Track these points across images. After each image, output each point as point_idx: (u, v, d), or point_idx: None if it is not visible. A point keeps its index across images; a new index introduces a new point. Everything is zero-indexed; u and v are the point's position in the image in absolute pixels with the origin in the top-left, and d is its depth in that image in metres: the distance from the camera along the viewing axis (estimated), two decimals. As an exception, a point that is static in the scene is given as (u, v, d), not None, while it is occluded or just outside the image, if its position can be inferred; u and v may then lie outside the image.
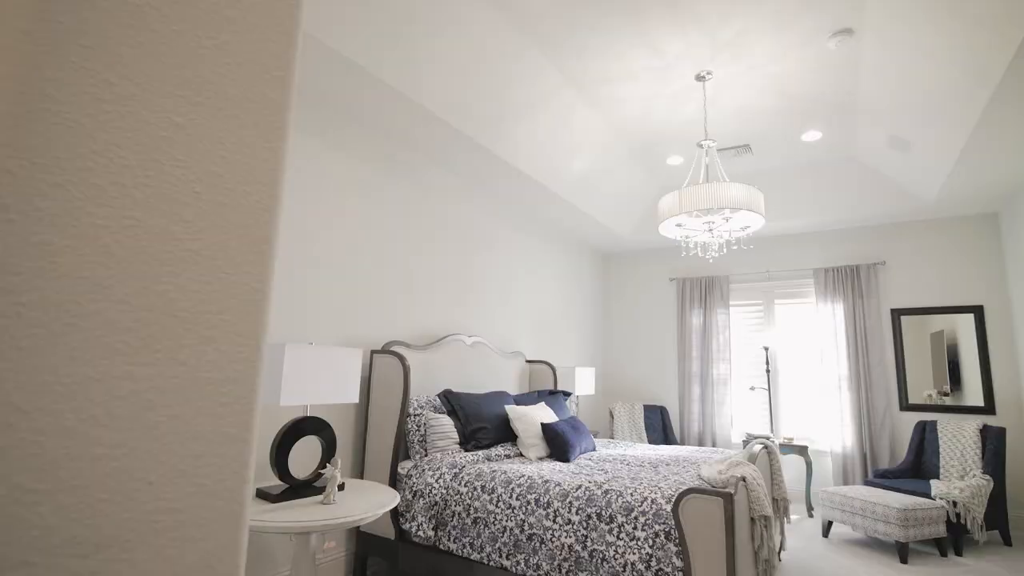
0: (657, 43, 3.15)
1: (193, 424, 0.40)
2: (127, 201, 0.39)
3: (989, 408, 4.61)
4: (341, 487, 2.41)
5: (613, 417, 5.62)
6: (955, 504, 3.76)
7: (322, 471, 2.37)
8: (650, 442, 5.51)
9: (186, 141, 0.41)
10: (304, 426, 2.34)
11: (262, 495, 2.23)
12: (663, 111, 3.95)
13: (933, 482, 3.99)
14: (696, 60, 3.31)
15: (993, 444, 4.04)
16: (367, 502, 2.24)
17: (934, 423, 4.48)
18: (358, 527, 3.05)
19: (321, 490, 2.32)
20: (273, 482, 2.58)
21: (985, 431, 4.18)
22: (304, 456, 2.83)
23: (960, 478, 4.13)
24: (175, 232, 0.40)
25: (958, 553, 3.73)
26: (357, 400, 2.45)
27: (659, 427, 5.60)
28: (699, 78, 3.48)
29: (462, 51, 2.99)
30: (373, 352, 3.23)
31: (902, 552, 3.55)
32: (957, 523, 3.74)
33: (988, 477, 3.90)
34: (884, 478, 4.33)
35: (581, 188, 4.77)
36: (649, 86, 3.62)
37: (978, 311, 4.74)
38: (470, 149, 3.74)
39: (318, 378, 2.27)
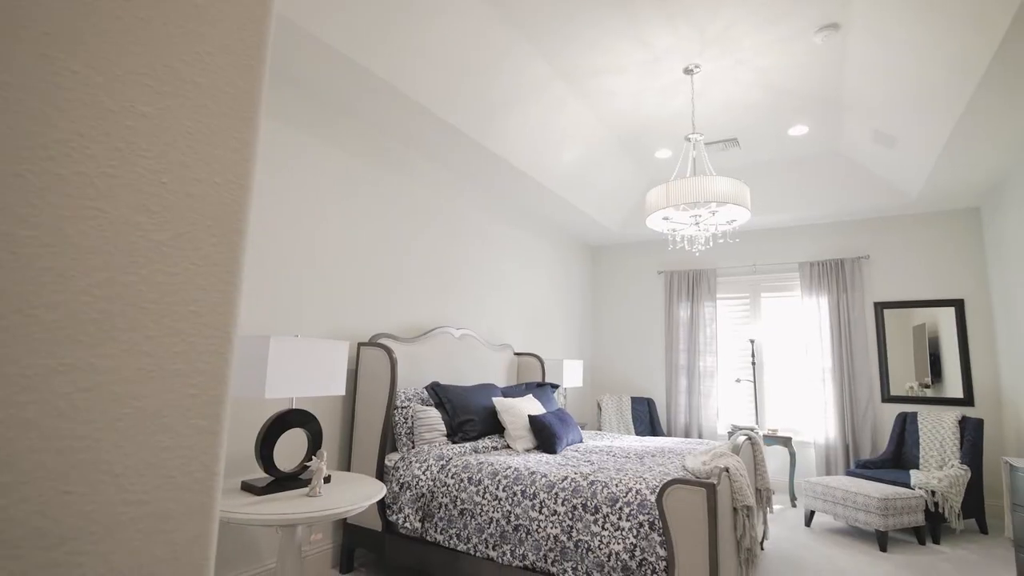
0: (646, 36, 3.15)
1: (160, 416, 0.40)
2: (90, 191, 0.38)
3: (968, 400, 4.70)
4: (327, 479, 2.40)
5: (601, 409, 5.66)
6: (933, 493, 3.84)
7: (308, 464, 2.36)
8: (637, 434, 5.56)
9: (152, 131, 0.41)
10: (290, 419, 2.33)
11: (247, 488, 2.22)
12: (652, 104, 3.95)
13: (913, 472, 4.06)
14: (685, 53, 3.31)
15: (971, 435, 4.12)
16: (353, 494, 2.24)
17: (915, 414, 4.56)
18: (345, 519, 3.05)
19: (307, 483, 2.32)
20: (258, 475, 2.57)
21: (963, 422, 4.26)
22: (290, 449, 2.83)
23: (939, 468, 4.21)
24: (140, 223, 0.40)
25: (936, 541, 3.81)
26: (343, 393, 2.44)
27: (646, 419, 5.65)
28: (687, 71, 3.48)
29: (452, 43, 2.97)
30: (360, 345, 3.22)
31: (881, 540, 3.62)
32: (935, 512, 3.82)
33: (966, 467, 3.99)
34: (865, 468, 4.41)
35: (570, 181, 4.77)
36: (638, 79, 3.62)
37: (959, 305, 4.82)
38: (459, 142, 3.72)
39: (304, 371, 2.26)
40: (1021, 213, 3.87)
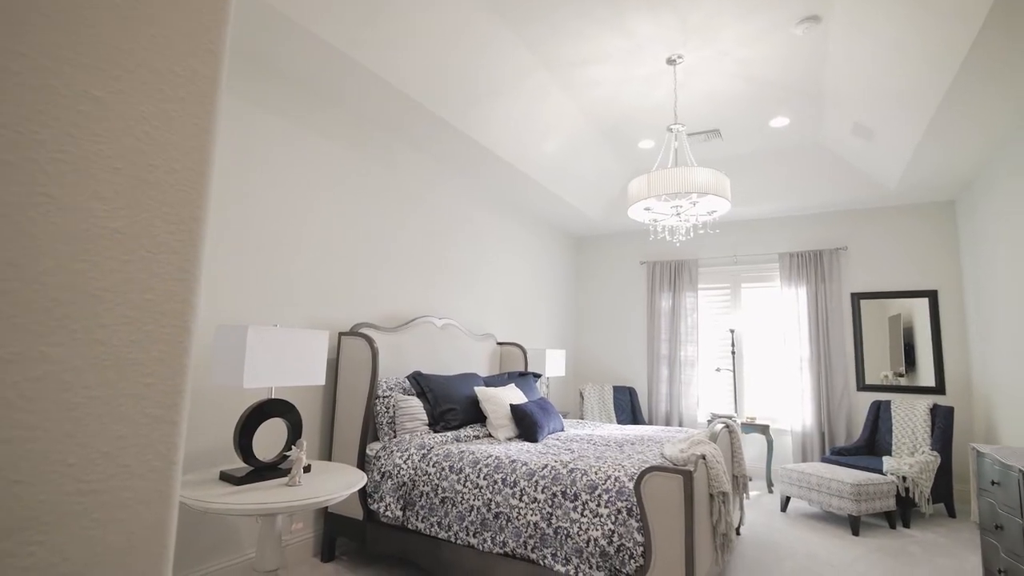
0: (629, 25, 3.14)
1: (115, 405, 0.40)
2: (40, 177, 0.37)
3: (940, 388, 4.82)
4: (307, 469, 2.40)
5: (583, 398, 5.71)
6: (904, 479, 3.94)
7: (287, 453, 2.35)
8: (619, 422, 5.62)
9: (105, 116, 0.40)
10: (269, 408, 2.32)
11: (225, 478, 2.21)
12: (634, 94, 3.95)
13: (885, 459, 4.17)
14: (667, 43, 3.31)
15: (942, 422, 4.24)
16: (333, 483, 2.24)
17: (888, 403, 4.67)
18: (326, 508, 3.05)
19: (287, 472, 2.31)
20: (238, 465, 2.56)
21: (935, 410, 4.38)
22: (270, 439, 2.81)
23: (910, 455, 4.32)
24: (92, 209, 0.39)
25: (906, 525, 3.92)
26: (324, 382, 2.43)
27: (628, 408, 5.71)
28: (670, 62, 3.48)
29: (436, 32, 2.94)
30: (341, 334, 3.20)
31: (854, 525, 3.72)
32: (906, 497, 3.93)
33: (936, 453, 4.10)
34: (840, 455, 4.52)
35: (553, 171, 4.77)
36: (621, 69, 3.61)
37: (932, 296, 4.93)
38: (443, 131, 3.70)
39: (283, 360, 2.25)
40: (994, 207, 3.96)
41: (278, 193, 2.97)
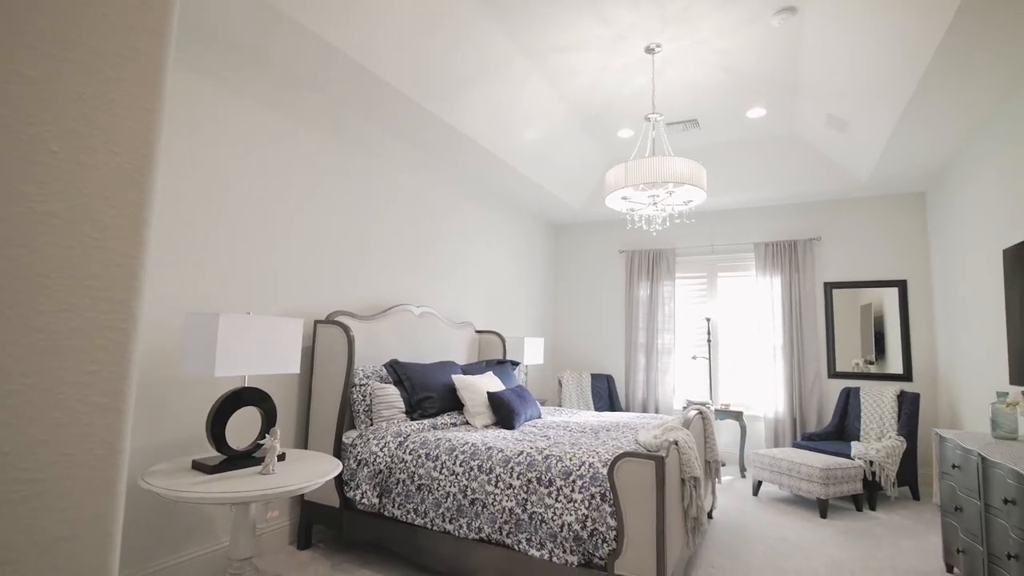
0: (607, 13, 3.13)
1: (55, 393, 0.39)
2: (-30, 159, 0.36)
3: (907, 375, 4.96)
4: (281, 457, 2.39)
5: (561, 385, 5.76)
6: (871, 463, 4.07)
7: (261, 442, 2.34)
8: (596, 409, 5.69)
9: (40, 97, 0.39)
10: (242, 397, 2.29)
11: (198, 466, 2.18)
12: (613, 83, 3.95)
13: (853, 444, 4.29)
14: (646, 32, 3.31)
15: (908, 408, 4.37)
16: (308, 471, 2.24)
17: (858, 389, 4.80)
18: (303, 496, 3.04)
19: (260, 461, 2.30)
20: (211, 453, 2.53)
21: (902, 397, 4.51)
22: (245, 427, 2.79)
23: (878, 440, 4.46)
24: (28, 193, 0.38)
25: (872, 508, 4.05)
26: (299, 371, 2.41)
27: (605, 395, 5.78)
28: (649, 51, 3.49)
29: (415, 18, 2.89)
30: (317, 322, 3.17)
31: (822, 508, 3.83)
32: (873, 480, 4.06)
33: (902, 438, 4.23)
34: (810, 440, 4.63)
35: (533, 159, 4.76)
36: (600, 57, 3.60)
37: (902, 285, 5.06)
38: (421, 117, 3.65)
39: (256, 348, 2.22)
40: (962, 198, 4.06)
41: (253, 179, 2.92)
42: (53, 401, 0.39)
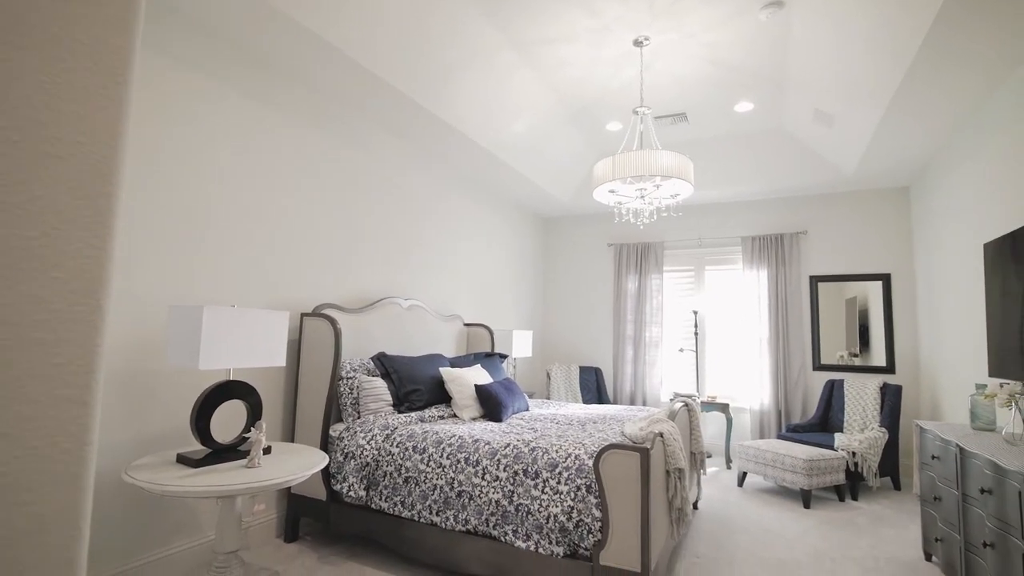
0: (595, 4, 3.12)
1: (19, 386, 0.39)
2: (-73, 148, 0.35)
3: (890, 368, 5.04)
4: (267, 450, 2.38)
5: (550, 378, 5.78)
6: (854, 454, 4.13)
7: (247, 435, 2.33)
8: (584, 402, 5.72)
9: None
10: (227, 390, 2.28)
11: (183, 460, 2.17)
12: (602, 76, 3.94)
13: (837, 435, 4.35)
14: (634, 25, 3.30)
15: (891, 400, 4.43)
16: (294, 464, 2.23)
17: (841, 382, 4.86)
18: (290, 489, 3.04)
19: (246, 454, 2.29)
20: (195, 447, 2.52)
21: (884, 389, 4.58)
22: (230, 421, 2.77)
23: (861, 431, 4.53)
24: (-12, 183, 0.37)
25: (854, 498, 4.12)
26: (284, 364, 2.40)
27: (593, 387, 5.81)
28: (637, 44, 3.48)
29: (402, 8, 2.86)
30: (304, 315, 3.16)
31: (805, 498, 3.89)
32: (855, 471, 4.12)
33: (884, 430, 4.30)
34: (795, 432, 4.70)
35: (521, 152, 4.74)
36: (588, 49, 3.59)
37: (886, 279, 5.12)
38: (409, 109, 3.63)
39: (241, 341, 2.21)
40: (945, 193, 4.11)
41: (239, 172, 2.88)
42: (17, 394, 0.39)
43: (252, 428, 2.28)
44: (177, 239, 2.58)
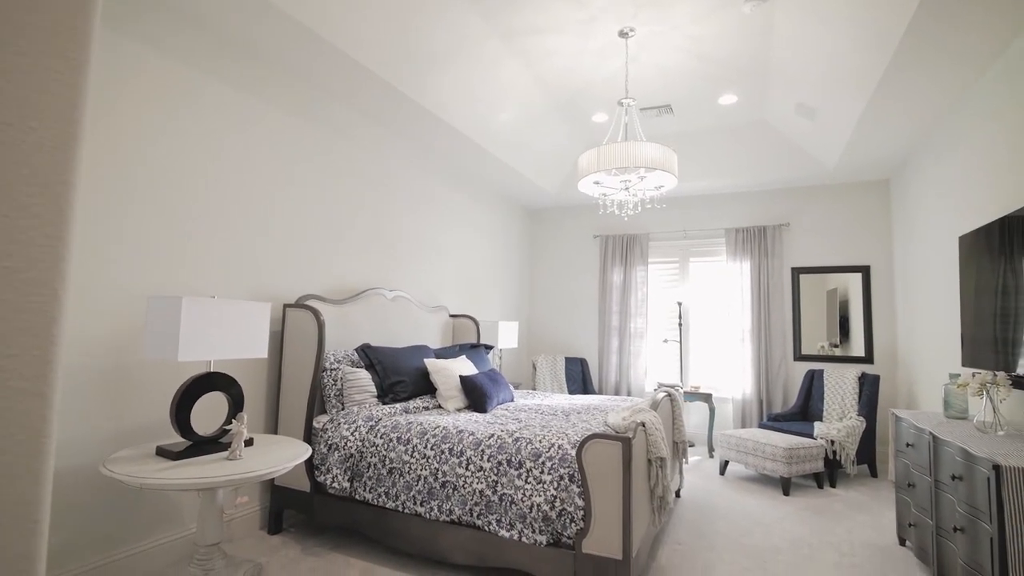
0: (581, -5, 3.10)
1: (-29, 377, 0.38)
2: None
3: (868, 358, 5.13)
4: (249, 443, 2.36)
5: (536, 369, 5.80)
6: (833, 442, 4.21)
7: (228, 427, 2.31)
8: (570, 392, 5.75)
9: (-54, 67, 0.37)
10: (208, 382, 2.26)
11: (162, 453, 2.15)
12: (588, 67, 3.93)
13: (816, 424, 4.43)
14: (619, 16, 3.29)
15: (868, 390, 4.52)
16: (276, 456, 2.22)
17: (821, 372, 4.94)
18: (273, 481, 3.02)
19: (227, 446, 2.27)
20: (176, 440, 2.49)
21: (863, 378, 4.66)
22: (212, 413, 2.74)
23: (839, 420, 4.61)
24: (-66, 170, 0.36)
25: (832, 485, 4.20)
26: (266, 355, 2.38)
27: (579, 378, 5.84)
28: (622, 35, 3.47)
29: (378, -11, 2.82)
30: (287, 306, 3.13)
31: (785, 486, 3.96)
32: (833, 459, 4.21)
33: (862, 418, 4.38)
34: (776, 421, 4.77)
35: (507, 142, 4.72)
36: (574, 40, 3.58)
37: (866, 271, 5.20)
38: (394, 98, 3.59)
39: (221, 333, 2.18)
40: (923, 186, 4.17)
41: (220, 162, 2.84)
42: (-32, 386, 0.38)
43: (233, 420, 2.26)
44: (155, 229, 2.54)
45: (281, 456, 2.23)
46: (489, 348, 4.38)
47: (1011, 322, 2.44)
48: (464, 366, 3.70)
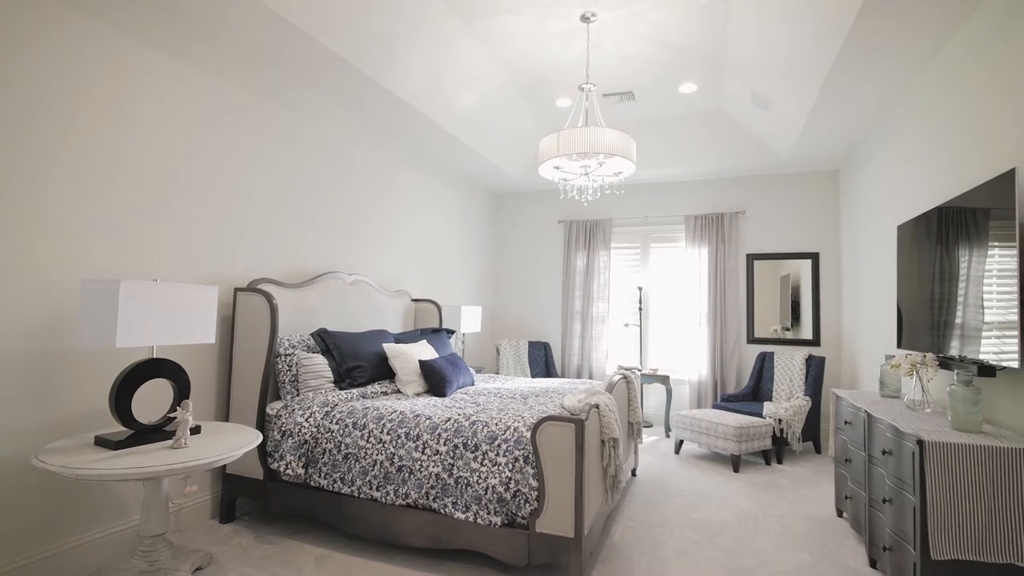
0: (540, -24, 3.07)
1: None
2: None
3: (816, 341, 5.34)
4: (195, 430, 2.30)
5: (499, 353, 5.82)
6: (780, 421, 4.38)
7: (172, 415, 2.24)
8: (533, 376, 5.81)
9: None
10: (150, 369, 2.18)
11: (101, 442, 2.07)
12: (550, 50, 3.91)
13: (766, 404, 4.60)
14: (580, -1, 3.28)
15: (815, 371, 4.72)
16: (224, 444, 2.17)
17: (772, 354, 5.12)
18: (224, 469, 2.96)
19: (172, 434, 2.21)
20: (117, 429, 2.41)
21: (810, 360, 4.86)
22: (158, 401, 2.65)
23: (787, 400, 4.80)
24: None
25: (779, 461, 4.38)
26: (214, 341, 2.31)
27: (542, 362, 5.90)
28: (584, 19, 3.46)
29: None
30: (237, 290, 3.04)
31: (735, 463, 4.12)
32: (781, 437, 4.39)
33: (808, 398, 4.58)
34: (729, 402, 4.93)
35: (470, 124, 4.67)
36: (534, 23, 3.54)
37: (815, 258, 5.39)
38: (352, 77, 3.49)
39: (164, 317, 2.10)
40: (868, 177, 4.33)
41: (157, 133, 2.70)
42: None
43: (178, 408, 2.19)
44: (92, 209, 2.41)
45: (230, 443, 2.18)
46: (451, 332, 4.37)
47: (944, 307, 2.58)
48: (424, 350, 3.68)
